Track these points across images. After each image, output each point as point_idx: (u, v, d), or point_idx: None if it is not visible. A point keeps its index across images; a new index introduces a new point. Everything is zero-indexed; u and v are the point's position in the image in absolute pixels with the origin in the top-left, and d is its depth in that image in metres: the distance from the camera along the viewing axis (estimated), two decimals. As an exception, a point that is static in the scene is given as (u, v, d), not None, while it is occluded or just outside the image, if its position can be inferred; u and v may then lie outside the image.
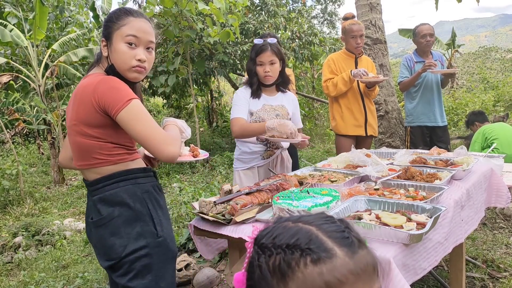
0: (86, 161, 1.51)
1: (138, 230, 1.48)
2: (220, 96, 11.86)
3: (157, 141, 1.42)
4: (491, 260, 2.83)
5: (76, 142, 1.50)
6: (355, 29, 3.34)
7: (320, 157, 6.74)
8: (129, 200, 1.49)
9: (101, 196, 1.50)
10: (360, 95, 3.43)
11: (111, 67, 1.51)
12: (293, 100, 2.69)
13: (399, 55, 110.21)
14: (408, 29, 7.90)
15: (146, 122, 1.42)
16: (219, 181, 5.83)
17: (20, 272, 3.58)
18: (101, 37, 1.55)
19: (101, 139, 1.47)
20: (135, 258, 1.47)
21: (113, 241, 1.47)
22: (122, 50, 1.48)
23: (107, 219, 1.48)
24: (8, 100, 8.32)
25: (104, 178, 1.49)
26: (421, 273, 1.46)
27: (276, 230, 0.68)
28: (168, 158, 1.44)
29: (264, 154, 2.59)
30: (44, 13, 6.74)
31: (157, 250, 1.51)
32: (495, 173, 2.35)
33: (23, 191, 6.00)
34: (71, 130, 1.52)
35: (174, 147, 1.46)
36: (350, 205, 1.67)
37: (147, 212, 1.51)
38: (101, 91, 1.41)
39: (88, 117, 1.44)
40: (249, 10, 8.89)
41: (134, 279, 1.47)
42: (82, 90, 1.46)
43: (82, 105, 1.45)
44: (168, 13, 6.44)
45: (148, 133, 1.41)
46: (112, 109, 1.40)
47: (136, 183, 1.52)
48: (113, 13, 1.54)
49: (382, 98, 4.74)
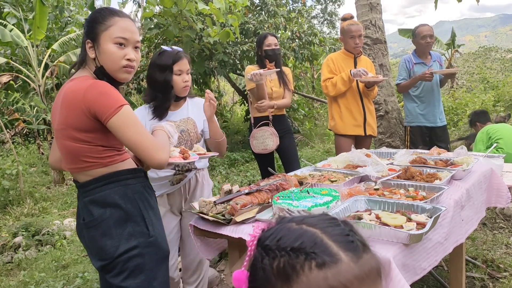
0: (76, 164, 1.50)
1: (130, 230, 1.49)
2: (220, 96, 11.85)
3: (147, 148, 1.45)
4: (491, 260, 2.83)
5: (65, 146, 1.50)
6: (354, 29, 3.35)
7: (320, 157, 6.74)
8: (120, 201, 1.49)
9: (92, 197, 1.50)
10: (359, 95, 3.43)
11: (100, 69, 1.50)
12: (201, 103, 2.26)
13: (399, 55, 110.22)
14: (408, 29, 7.90)
15: (137, 129, 1.44)
16: (219, 181, 5.83)
17: (20, 272, 3.58)
18: (84, 38, 1.52)
19: (91, 143, 1.46)
20: (127, 258, 1.48)
21: (104, 242, 1.48)
22: (111, 51, 1.48)
23: (98, 220, 1.49)
24: (8, 100, 8.32)
25: (95, 180, 1.49)
26: (421, 273, 1.46)
27: (280, 232, 0.67)
28: (159, 165, 1.49)
29: (173, 179, 2.22)
30: (44, 13, 6.74)
31: (149, 250, 1.52)
32: (495, 173, 2.35)
33: (23, 191, 6.00)
34: (59, 134, 1.51)
35: (164, 154, 1.50)
36: (350, 205, 1.67)
37: (139, 212, 1.52)
38: (91, 97, 1.40)
39: (77, 122, 1.43)
40: (249, 10, 8.88)
41: (127, 279, 1.48)
42: (70, 95, 1.45)
43: (71, 111, 1.44)
44: (168, 13, 6.44)
45: (138, 141, 1.44)
46: (103, 115, 1.40)
47: (126, 184, 1.53)
48: (98, 14, 1.52)
49: (382, 98, 4.74)
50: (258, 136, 3.31)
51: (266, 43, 3.32)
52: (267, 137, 3.29)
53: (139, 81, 7.69)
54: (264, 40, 3.33)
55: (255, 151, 3.36)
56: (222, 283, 2.90)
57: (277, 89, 3.38)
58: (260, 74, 3.08)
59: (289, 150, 3.45)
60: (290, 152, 3.46)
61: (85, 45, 1.52)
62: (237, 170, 6.62)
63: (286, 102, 3.43)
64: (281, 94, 3.40)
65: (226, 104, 12.79)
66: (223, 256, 3.24)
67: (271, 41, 3.33)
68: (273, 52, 3.31)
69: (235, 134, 9.98)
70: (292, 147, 3.50)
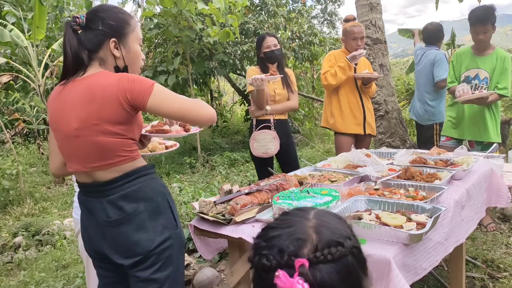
0: (108, 160, 1.47)
1: (163, 222, 1.52)
2: (220, 96, 11.85)
3: (194, 110, 1.49)
4: (491, 260, 2.83)
5: (95, 143, 1.45)
6: (356, 31, 3.34)
7: (320, 157, 6.73)
8: (152, 194, 1.52)
9: (122, 193, 1.48)
10: (359, 94, 3.43)
11: (125, 69, 1.55)
12: None
13: (399, 55, 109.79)
14: (408, 29, 7.89)
15: (176, 99, 1.49)
16: (219, 181, 5.83)
17: (20, 272, 3.58)
18: (106, 37, 1.50)
19: (123, 136, 1.47)
20: (162, 250, 1.50)
21: (139, 236, 1.48)
22: (139, 52, 1.58)
23: (132, 215, 1.48)
24: (8, 100, 8.32)
25: (125, 175, 1.49)
26: (422, 273, 1.46)
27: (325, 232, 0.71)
28: (212, 118, 1.54)
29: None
30: (43, 13, 6.73)
31: (177, 241, 1.56)
32: (495, 173, 2.36)
33: (23, 191, 5.99)
34: (91, 131, 1.45)
35: (209, 108, 1.54)
36: (350, 205, 1.67)
37: (167, 204, 1.56)
38: (125, 86, 1.43)
39: (113, 114, 1.43)
40: (249, 10, 8.88)
41: (158, 271, 1.50)
42: (101, 89, 1.43)
43: (105, 103, 1.42)
44: (168, 13, 6.44)
45: (183, 108, 1.48)
46: (140, 99, 1.43)
47: (154, 177, 1.56)
48: (122, 14, 1.55)
49: (382, 98, 4.74)
50: (259, 139, 3.21)
51: (265, 45, 3.20)
52: (269, 140, 3.19)
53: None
54: (262, 42, 3.22)
55: (255, 154, 3.24)
56: (222, 283, 2.90)
57: (280, 91, 3.26)
58: (261, 80, 2.98)
59: (289, 156, 3.37)
60: (289, 158, 3.37)
61: (105, 43, 1.50)
62: (237, 170, 6.62)
63: (292, 105, 3.33)
64: (285, 96, 3.29)
65: (226, 104, 12.78)
66: (223, 256, 3.24)
67: (270, 42, 3.21)
68: (273, 54, 3.20)
69: (235, 134, 9.97)
70: (292, 153, 3.42)
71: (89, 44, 1.51)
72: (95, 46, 1.51)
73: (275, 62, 3.27)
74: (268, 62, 3.26)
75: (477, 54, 3.34)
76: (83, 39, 1.51)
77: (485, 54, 3.31)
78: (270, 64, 3.27)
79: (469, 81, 3.34)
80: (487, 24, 3.17)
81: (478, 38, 3.25)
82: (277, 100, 3.27)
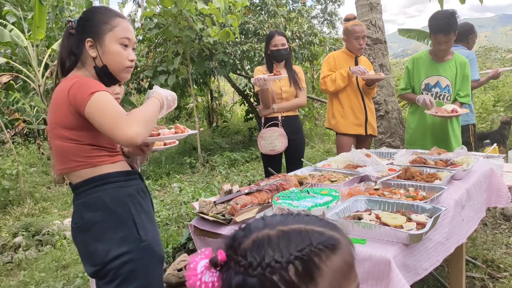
0: (66, 164, 1.48)
1: (121, 235, 1.46)
2: (220, 96, 11.85)
3: (112, 129, 1.35)
4: (491, 260, 2.83)
5: (55, 145, 1.49)
6: (358, 30, 3.34)
7: (320, 157, 6.73)
8: (111, 204, 1.46)
9: (84, 200, 1.48)
10: (360, 94, 3.43)
11: (103, 68, 1.50)
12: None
13: (399, 55, 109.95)
14: (408, 29, 7.89)
15: (107, 113, 1.35)
16: (219, 181, 5.83)
17: (20, 272, 3.58)
18: (82, 36, 1.50)
19: (79, 141, 1.45)
20: (119, 265, 1.44)
21: (95, 246, 1.46)
22: (117, 51, 1.49)
23: (89, 224, 1.47)
24: (8, 100, 8.31)
25: (85, 182, 1.47)
26: (423, 273, 1.46)
27: (261, 249, 0.65)
28: (130, 141, 1.36)
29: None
30: (43, 13, 6.72)
31: (142, 255, 1.48)
32: (495, 173, 2.36)
33: (23, 191, 5.99)
34: (50, 134, 1.50)
35: (130, 128, 1.34)
36: (350, 205, 1.67)
37: (129, 216, 1.48)
38: (73, 92, 1.40)
39: (65, 120, 1.43)
40: (249, 10, 8.88)
41: (120, 286, 1.45)
42: (57, 93, 1.45)
43: (59, 108, 1.44)
44: (168, 13, 6.44)
45: (106, 124, 1.35)
46: (80, 108, 1.38)
47: (118, 186, 1.49)
48: (100, 14, 1.51)
49: (382, 98, 4.74)
50: (266, 137, 3.24)
51: (273, 43, 3.22)
52: (275, 138, 3.21)
53: (139, 81, 7.69)
54: (271, 40, 3.23)
55: (262, 152, 3.29)
56: (222, 283, 2.90)
57: (287, 89, 3.28)
58: (264, 80, 2.99)
59: (295, 153, 3.38)
60: (295, 155, 3.38)
61: (82, 43, 1.50)
62: (237, 170, 6.62)
63: (299, 102, 3.36)
64: (292, 94, 3.31)
65: (226, 104, 12.78)
66: (223, 256, 3.23)
67: (278, 41, 3.21)
68: (279, 53, 3.21)
69: (235, 134, 9.97)
70: (299, 151, 3.43)
71: (74, 47, 1.52)
72: (77, 48, 1.52)
73: (281, 61, 3.29)
74: (275, 61, 3.28)
75: (436, 61, 3.15)
76: (71, 43, 1.53)
77: (445, 61, 3.13)
78: (276, 63, 3.29)
79: (429, 89, 3.16)
80: (450, 34, 2.96)
81: (440, 48, 3.05)
82: (284, 98, 3.29)
